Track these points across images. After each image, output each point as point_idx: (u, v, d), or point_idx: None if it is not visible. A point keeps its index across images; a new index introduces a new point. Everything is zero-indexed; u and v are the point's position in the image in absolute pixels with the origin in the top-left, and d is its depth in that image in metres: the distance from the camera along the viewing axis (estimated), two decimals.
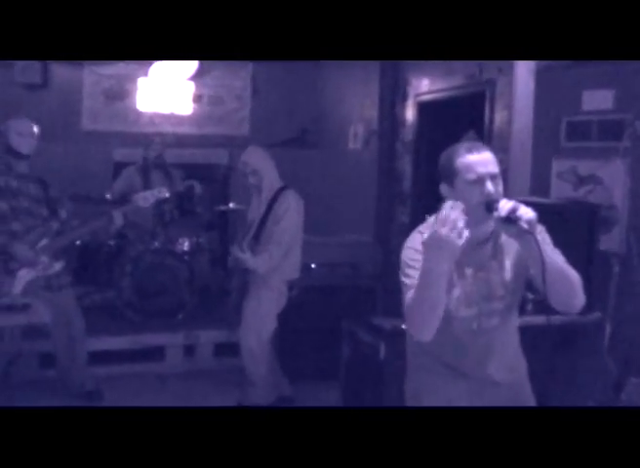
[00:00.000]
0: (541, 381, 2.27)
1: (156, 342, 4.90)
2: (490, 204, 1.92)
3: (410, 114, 5.59)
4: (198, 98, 7.16)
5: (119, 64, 6.79)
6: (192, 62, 6.90)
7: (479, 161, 1.98)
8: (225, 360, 4.84)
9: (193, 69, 6.97)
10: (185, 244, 5.43)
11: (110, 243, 5.48)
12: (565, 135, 3.83)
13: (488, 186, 1.95)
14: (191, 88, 7.10)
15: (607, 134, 3.57)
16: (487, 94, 4.52)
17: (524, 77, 4.12)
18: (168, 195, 4.07)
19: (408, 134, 5.61)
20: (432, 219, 2.16)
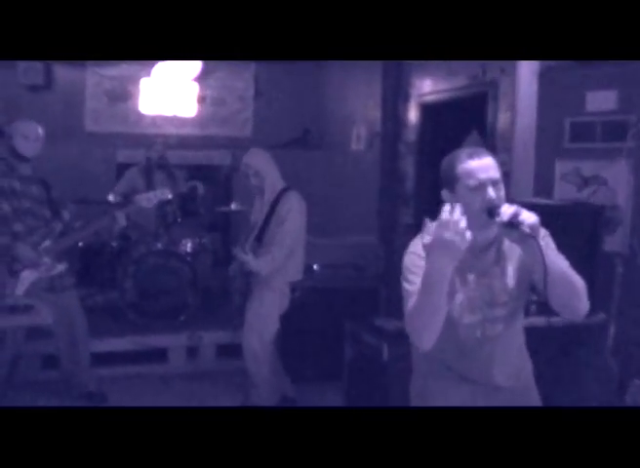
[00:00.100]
0: (545, 383, 2.26)
1: (159, 343, 4.90)
2: (492, 209, 1.92)
3: (412, 115, 5.58)
4: (201, 100, 7.18)
5: (122, 66, 6.80)
6: (195, 64, 6.91)
7: (480, 167, 1.97)
8: (228, 361, 4.83)
9: (196, 71, 6.99)
10: (188, 245, 5.43)
11: (113, 244, 5.49)
12: (568, 136, 3.82)
13: (489, 192, 1.94)
14: (194, 89, 7.11)
15: (611, 134, 3.57)
16: (490, 95, 4.51)
17: (527, 78, 4.11)
18: (170, 196, 4.07)
19: (411, 135, 5.61)
20: (434, 225, 2.15)
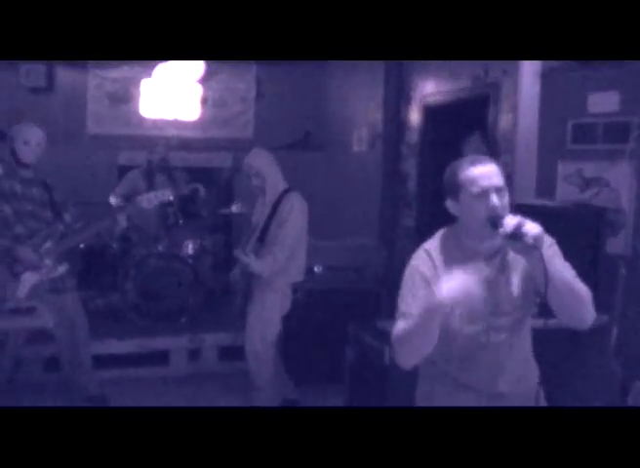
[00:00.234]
0: (547, 385, 2.25)
1: (161, 346, 4.90)
2: (495, 220, 1.90)
3: (414, 117, 5.58)
4: (203, 101, 7.18)
5: (123, 68, 6.81)
6: (197, 65, 6.91)
7: (483, 174, 1.96)
8: (230, 363, 4.83)
9: (197, 72, 6.98)
10: (190, 247, 5.43)
11: (114, 246, 5.49)
12: (571, 137, 3.81)
13: (493, 200, 1.93)
14: (196, 91, 7.11)
15: (613, 136, 3.56)
16: (492, 96, 4.51)
17: (529, 79, 4.10)
18: (172, 198, 4.07)
19: (412, 136, 5.60)
20: (439, 234, 2.14)
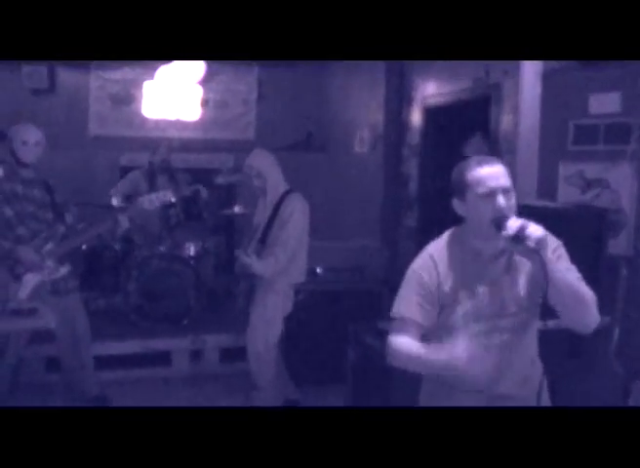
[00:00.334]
0: (549, 386, 2.25)
1: (162, 347, 4.91)
2: (499, 222, 1.90)
3: (416, 118, 5.58)
4: (204, 103, 7.18)
5: (125, 69, 6.82)
6: (198, 67, 6.92)
7: (490, 175, 1.96)
8: (232, 364, 4.84)
9: (199, 74, 6.99)
10: (191, 248, 5.43)
11: (116, 247, 5.50)
12: (572, 138, 3.81)
13: (499, 201, 1.93)
14: (197, 92, 7.11)
15: (614, 137, 3.55)
16: (493, 97, 4.51)
17: (530, 80, 4.10)
18: (173, 199, 4.06)
19: (414, 137, 5.61)
20: (446, 234, 2.14)
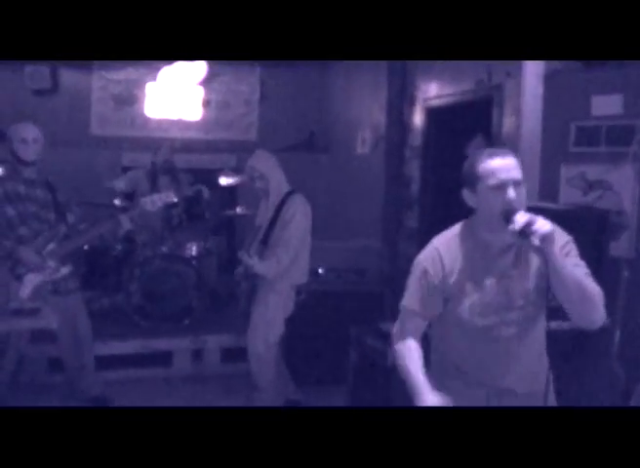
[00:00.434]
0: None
1: (164, 347, 4.91)
2: (508, 215, 1.89)
3: (418, 119, 5.58)
4: (206, 104, 7.19)
5: (128, 69, 6.83)
6: (200, 67, 6.92)
7: (502, 167, 1.95)
8: (233, 364, 4.84)
9: (201, 74, 7.00)
10: (193, 248, 5.44)
11: (118, 247, 5.50)
12: (574, 140, 3.81)
13: (510, 193, 1.93)
14: (199, 93, 7.12)
15: (616, 139, 3.55)
16: (495, 98, 4.51)
17: (532, 82, 4.10)
18: (176, 200, 4.07)
19: (416, 138, 5.60)
20: (456, 227, 2.14)
